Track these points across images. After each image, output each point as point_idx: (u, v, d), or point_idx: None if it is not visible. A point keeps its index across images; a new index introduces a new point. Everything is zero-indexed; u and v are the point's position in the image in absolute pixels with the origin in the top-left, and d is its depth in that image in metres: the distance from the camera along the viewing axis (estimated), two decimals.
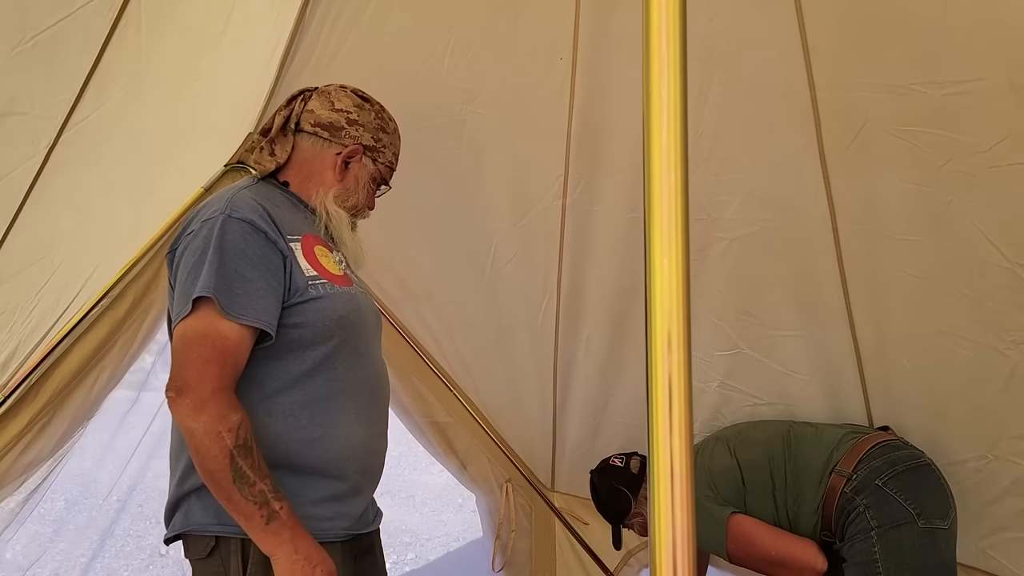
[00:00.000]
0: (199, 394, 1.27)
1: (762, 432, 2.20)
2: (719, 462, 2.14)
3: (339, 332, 1.42)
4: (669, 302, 0.60)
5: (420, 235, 2.55)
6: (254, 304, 1.32)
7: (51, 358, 2.13)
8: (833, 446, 2.02)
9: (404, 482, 3.99)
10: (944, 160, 1.72)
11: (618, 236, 2.30)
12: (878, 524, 1.86)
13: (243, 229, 1.35)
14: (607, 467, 2.38)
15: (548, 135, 2.23)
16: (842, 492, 1.92)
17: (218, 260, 1.32)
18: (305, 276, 1.41)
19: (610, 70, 2.04)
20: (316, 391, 1.40)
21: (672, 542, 0.59)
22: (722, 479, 2.10)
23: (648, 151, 0.62)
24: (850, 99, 1.77)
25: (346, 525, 1.44)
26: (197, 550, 1.37)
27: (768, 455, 2.09)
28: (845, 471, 1.94)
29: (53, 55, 1.59)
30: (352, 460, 1.44)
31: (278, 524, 1.27)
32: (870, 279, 2.00)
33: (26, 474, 2.17)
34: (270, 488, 1.28)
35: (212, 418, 1.26)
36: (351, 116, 1.56)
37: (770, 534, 2.01)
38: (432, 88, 2.14)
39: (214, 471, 1.27)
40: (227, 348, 1.30)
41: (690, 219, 0.61)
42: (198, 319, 1.31)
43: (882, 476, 1.90)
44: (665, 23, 0.61)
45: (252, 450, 1.28)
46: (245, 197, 1.42)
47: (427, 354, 2.79)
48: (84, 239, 2.10)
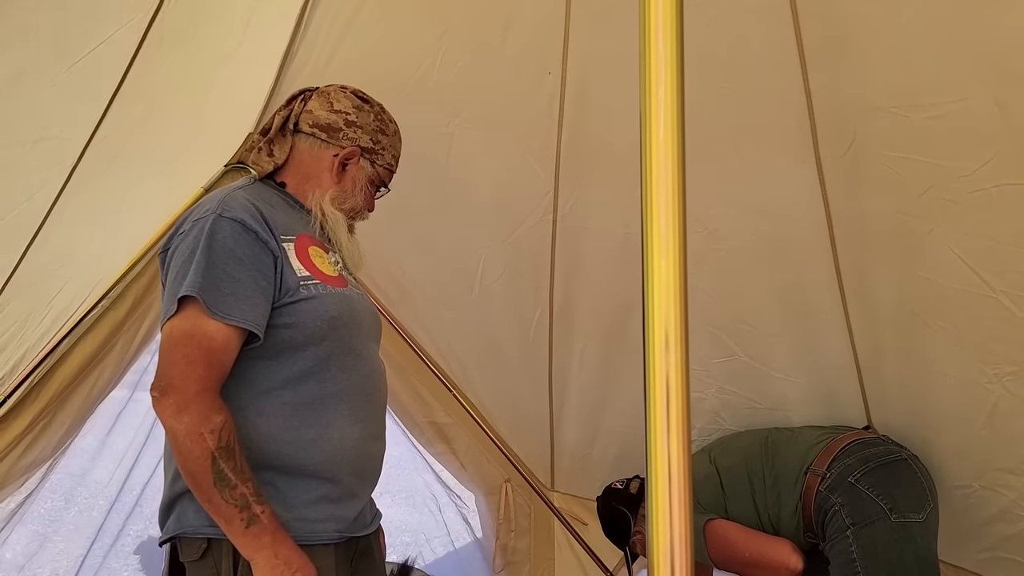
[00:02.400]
0: (182, 394, 1.26)
1: (742, 440, 2.22)
2: (699, 471, 2.16)
3: (331, 333, 1.41)
4: (667, 302, 0.61)
5: (411, 248, 2.54)
6: (241, 304, 1.31)
7: (52, 359, 2.13)
8: (809, 446, 2.02)
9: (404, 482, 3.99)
10: (925, 187, 1.68)
11: (610, 252, 2.27)
12: (853, 522, 1.85)
13: (233, 228, 1.34)
14: (609, 490, 2.42)
15: (537, 149, 2.21)
16: (817, 491, 1.92)
17: (205, 260, 1.31)
18: (297, 276, 1.39)
19: (600, 84, 2.02)
20: (308, 392, 1.38)
21: (670, 542, 0.59)
22: (702, 487, 2.12)
23: (646, 152, 0.62)
24: (843, 110, 1.75)
25: (340, 527, 1.41)
26: (190, 552, 1.36)
27: (746, 460, 2.11)
28: (819, 470, 1.95)
29: (86, 80, 1.62)
30: (345, 462, 1.42)
31: (258, 528, 1.26)
32: (866, 286, 1.98)
33: (27, 474, 2.18)
34: (251, 491, 1.26)
35: (194, 419, 1.25)
36: (349, 118, 1.55)
37: (744, 535, 2.03)
38: (421, 100, 2.12)
39: (195, 473, 1.26)
40: (213, 349, 1.28)
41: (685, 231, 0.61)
42: (184, 319, 1.29)
43: (855, 473, 1.90)
44: (662, 27, 0.61)
45: (235, 452, 1.27)
46: (238, 197, 1.41)
47: (426, 354, 2.79)
48: (97, 249, 2.11)
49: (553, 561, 3.06)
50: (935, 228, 1.73)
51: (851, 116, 1.73)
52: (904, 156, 1.69)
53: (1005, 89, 1.50)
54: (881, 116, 1.67)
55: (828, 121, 1.78)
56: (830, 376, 2.17)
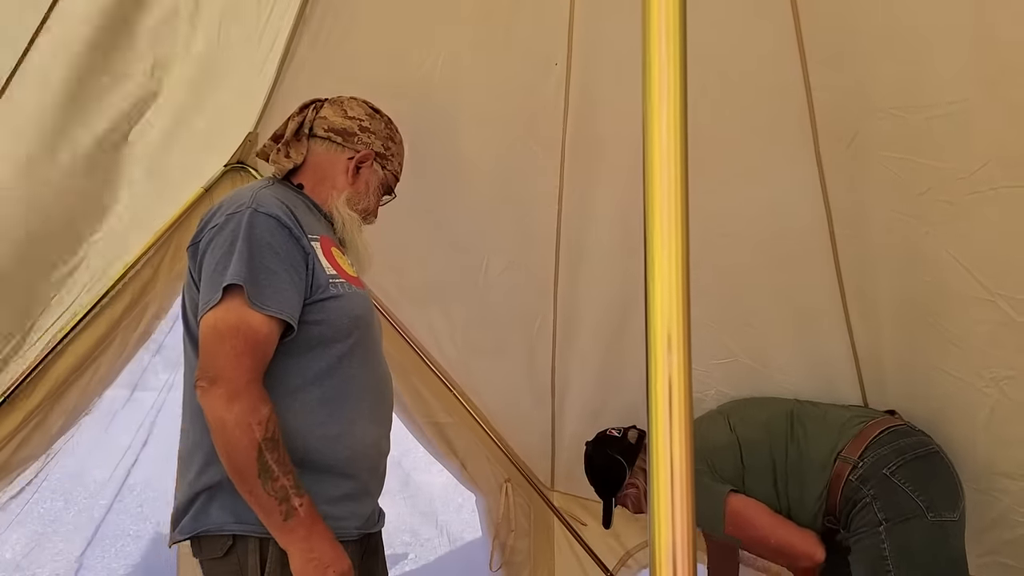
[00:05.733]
0: (234, 384, 1.28)
1: (764, 411, 2.11)
2: (718, 437, 2.05)
3: (356, 331, 1.45)
4: (669, 303, 0.60)
5: (415, 241, 2.54)
6: (279, 296, 1.33)
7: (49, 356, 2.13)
8: (838, 430, 1.93)
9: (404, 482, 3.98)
10: (924, 188, 1.67)
11: (615, 244, 2.27)
12: (886, 518, 1.79)
13: (269, 224, 1.37)
14: (604, 437, 2.31)
15: (543, 143, 2.20)
16: (847, 480, 1.85)
17: (248, 251, 1.33)
18: (326, 274, 1.43)
19: (605, 78, 2.01)
20: (335, 389, 1.41)
21: (672, 543, 0.59)
22: (721, 456, 2.01)
23: (648, 150, 0.62)
24: (844, 106, 1.74)
25: (358, 524, 1.45)
26: (213, 549, 1.36)
27: (769, 436, 2.00)
28: (851, 458, 1.86)
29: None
30: (365, 459, 1.46)
31: (295, 522, 1.28)
32: (867, 285, 1.97)
33: (20, 469, 2.17)
34: (292, 484, 1.29)
35: (244, 409, 1.27)
36: (363, 124, 1.63)
37: (771, 521, 1.94)
38: (427, 94, 2.13)
39: (241, 463, 1.27)
40: (258, 341, 1.31)
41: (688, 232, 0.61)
42: (228, 310, 1.31)
43: (890, 465, 1.82)
44: (665, 24, 0.61)
45: (279, 444, 1.29)
46: (268, 195, 1.44)
47: (427, 354, 2.79)
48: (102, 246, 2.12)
49: (553, 561, 3.06)
50: (932, 230, 1.72)
51: (852, 114, 1.73)
52: (902, 157, 1.68)
53: (1005, 90, 1.49)
54: (881, 116, 1.66)
55: (829, 119, 1.78)
56: (830, 376, 2.16)
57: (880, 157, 1.72)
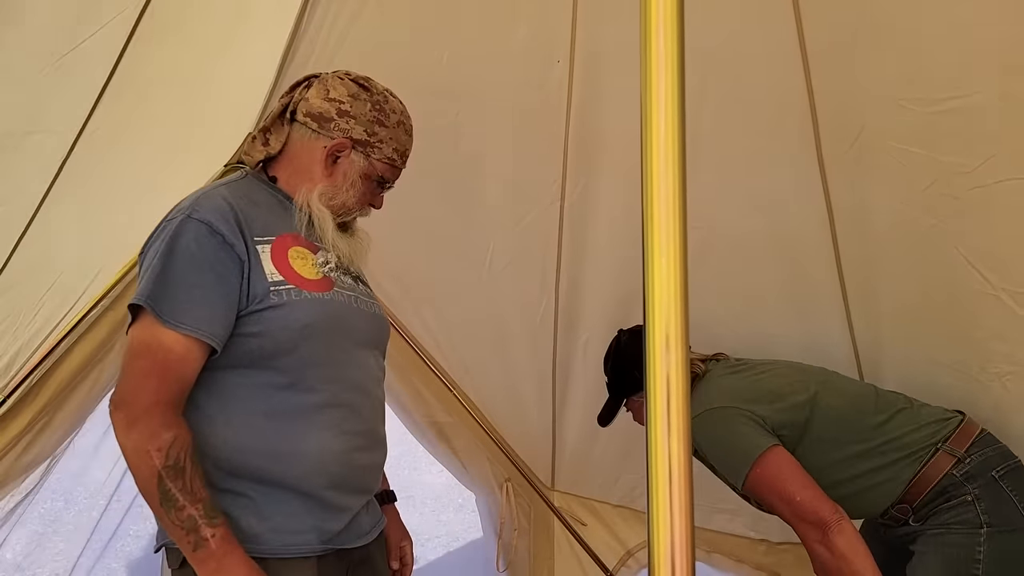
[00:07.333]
0: (132, 409, 1.21)
1: (851, 385, 1.95)
2: (796, 396, 1.85)
3: (304, 343, 1.32)
4: (667, 301, 0.60)
5: (417, 237, 2.54)
6: (195, 312, 1.24)
7: (51, 359, 2.13)
8: (936, 420, 1.81)
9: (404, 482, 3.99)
10: (929, 181, 1.67)
11: (617, 240, 2.27)
12: (990, 522, 1.70)
13: (200, 231, 1.28)
14: (640, 329, 2.17)
15: (546, 139, 2.21)
16: (948, 473, 1.73)
17: (162, 265, 1.26)
18: (267, 282, 1.31)
19: (608, 74, 2.02)
20: (283, 404, 1.32)
21: (671, 543, 0.59)
22: (787, 413, 1.82)
23: (646, 149, 0.61)
24: (848, 105, 1.74)
25: (324, 539, 1.34)
26: (173, 561, 1.32)
27: (858, 411, 1.84)
28: (957, 451, 1.74)
29: (75, 72, 1.60)
30: (325, 476, 1.34)
31: (204, 553, 1.19)
32: (868, 283, 1.98)
33: (25, 474, 2.17)
34: (201, 513, 1.19)
35: (142, 436, 1.20)
36: (343, 107, 1.44)
37: (803, 479, 1.74)
38: (429, 91, 2.11)
39: (143, 491, 1.21)
40: (169, 361, 1.23)
41: (687, 227, 0.61)
42: (142, 328, 1.25)
43: (998, 469, 1.73)
44: (663, 23, 0.60)
45: (184, 471, 1.20)
46: (214, 195, 1.35)
47: (427, 354, 2.79)
48: (88, 244, 2.10)
49: (553, 561, 3.05)
50: (937, 224, 1.72)
51: (857, 110, 1.73)
52: (906, 149, 1.68)
53: (1009, 85, 1.49)
54: (888, 106, 1.66)
55: (831, 115, 1.79)
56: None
57: (888, 147, 1.71)
